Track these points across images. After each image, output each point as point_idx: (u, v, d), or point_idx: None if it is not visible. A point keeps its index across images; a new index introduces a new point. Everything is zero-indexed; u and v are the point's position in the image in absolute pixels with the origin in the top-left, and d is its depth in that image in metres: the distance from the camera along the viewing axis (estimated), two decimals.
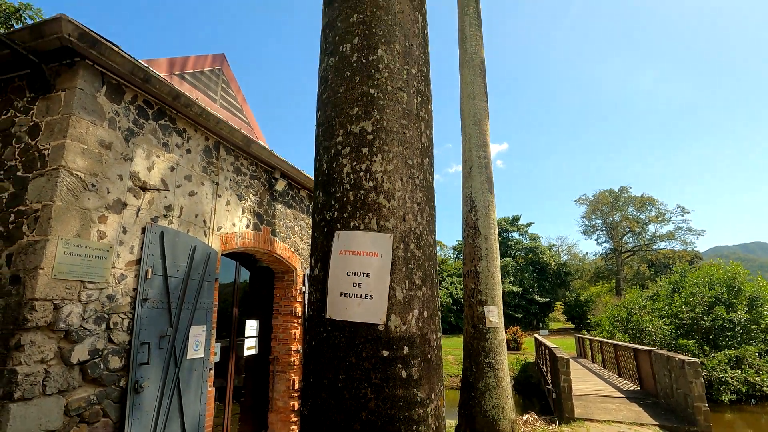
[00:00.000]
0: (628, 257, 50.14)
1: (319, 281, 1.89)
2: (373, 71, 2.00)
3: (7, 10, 10.71)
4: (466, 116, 8.46)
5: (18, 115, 4.15)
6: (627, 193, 50.36)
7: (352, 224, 1.84)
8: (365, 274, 1.76)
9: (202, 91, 8.70)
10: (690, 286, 19.18)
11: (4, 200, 3.90)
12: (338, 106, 2.01)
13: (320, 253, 1.91)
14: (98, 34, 3.94)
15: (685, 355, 15.33)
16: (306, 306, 7.66)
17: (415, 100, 2.07)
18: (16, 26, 11.00)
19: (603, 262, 51.47)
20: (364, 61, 2.02)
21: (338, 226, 1.86)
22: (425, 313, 1.84)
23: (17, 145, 4.03)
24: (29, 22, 10.63)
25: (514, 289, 41.56)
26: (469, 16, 8.88)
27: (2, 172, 4.02)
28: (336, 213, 1.89)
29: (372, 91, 1.97)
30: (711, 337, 17.08)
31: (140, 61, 4.45)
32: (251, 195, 6.58)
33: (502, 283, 41.69)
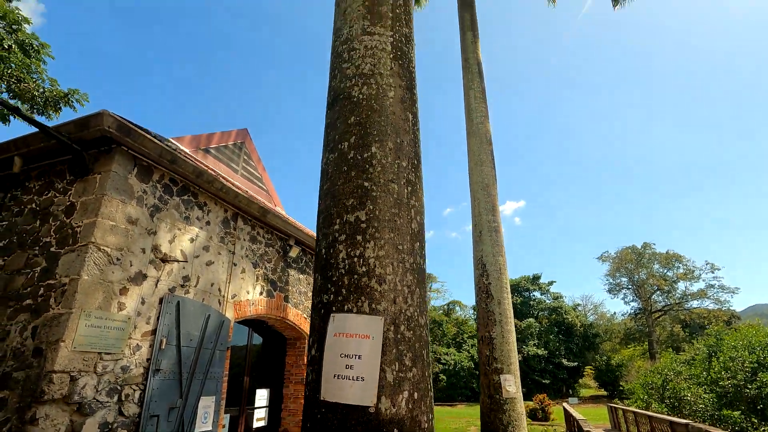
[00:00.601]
0: (659, 317, 47.63)
1: (315, 362, 1.99)
2: (367, 166, 2.24)
3: (57, 95, 11.98)
4: (474, 182, 8.75)
5: (57, 195, 4.57)
6: (651, 249, 49.01)
7: (346, 307, 1.98)
8: (357, 357, 1.87)
9: (225, 163, 9.32)
10: (728, 350, 17.97)
11: (36, 274, 4.19)
12: (336, 197, 2.24)
13: (317, 335, 2.04)
14: (134, 124, 4.43)
15: (732, 428, 14.03)
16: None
17: (406, 190, 2.28)
18: (64, 108, 12.23)
19: (633, 323, 48.94)
20: (360, 157, 2.27)
21: (333, 309, 2.00)
22: (415, 394, 1.91)
23: (53, 223, 4.41)
24: (76, 105, 11.83)
25: (539, 352, 39.56)
26: (474, 90, 9.49)
27: (38, 248, 4.36)
28: (332, 296, 2.04)
29: (366, 184, 2.20)
30: (759, 407, 15.68)
31: (170, 139, 4.93)
32: (266, 262, 6.80)
33: (526, 344, 39.82)
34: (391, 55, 2.58)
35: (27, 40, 10.71)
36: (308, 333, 7.62)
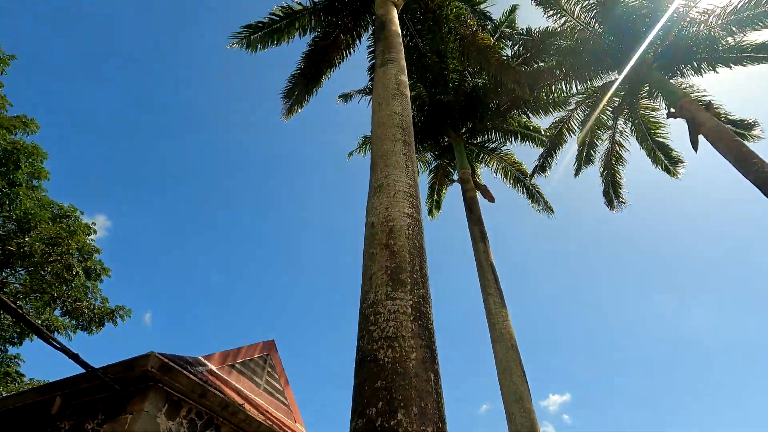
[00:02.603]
0: None
1: None
2: None
3: (104, 311, 12.97)
4: (506, 393, 8.26)
5: None
6: None
7: None
8: None
9: (249, 378, 9.26)
10: None
11: None
12: None
13: None
14: (174, 359, 4.75)
15: None
16: None
17: None
18: (107, 324, 13.05)
19: None
20: (386, 425, 2.39)
21: None
22: None
23: None
24: (118, 320, 12.69)
25: None
26: (492, 295, 9.90)
27: None
28: None
29: None
30: None
31: (200, 357, 5.13)
32: None
33: None
34: (411, 317, 2.97)
35: (93, 266, 12.32)
36: None
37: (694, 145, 10.04)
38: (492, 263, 10.76)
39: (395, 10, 7.96)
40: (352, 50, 11.80)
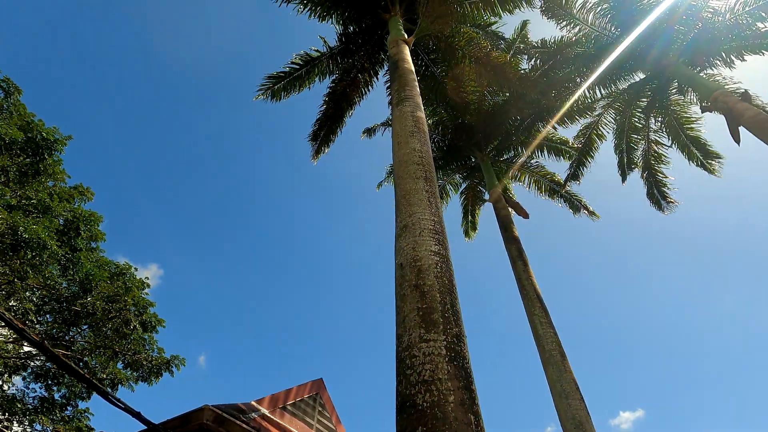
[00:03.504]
0: None
1: None
2: None
3: (161, 362, 13.55)
4: (564, 419, 7.87)
5: None
6: None
7: None
8: None
9: (300, 419, 9.34)
10: None
11: None
12: None
13: None
14: (227, 413, 4.93)
15: None
16: None
17: None
18: (165, 373, 13.62)
19: None
20: None
21: None
22: None
23: None
24: (174, 370, 13.23)
25: None
26: (537, 316, 9.58)
27: None
28: None
29: None
30: None
31: (252, 402, 5.26)
32: None
33: None
34: (446, 358, 2.98)
35: (148, 319, 13.00)
36: None
37: (735, 137, 9.51)
38: (533, 281, 10.45)
39: (407, 48, 8.26)
40: (370, 87, 12.23)
